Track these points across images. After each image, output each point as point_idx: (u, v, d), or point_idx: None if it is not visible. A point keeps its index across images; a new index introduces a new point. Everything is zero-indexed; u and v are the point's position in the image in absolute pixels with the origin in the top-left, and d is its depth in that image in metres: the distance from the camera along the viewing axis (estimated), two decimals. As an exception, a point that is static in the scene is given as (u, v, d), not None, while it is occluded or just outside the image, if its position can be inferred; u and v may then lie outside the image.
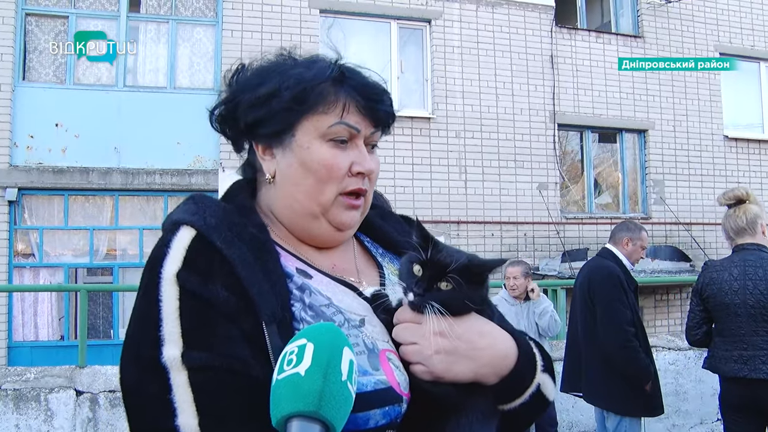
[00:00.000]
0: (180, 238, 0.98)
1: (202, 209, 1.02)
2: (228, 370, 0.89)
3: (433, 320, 0.99)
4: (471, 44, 11.24)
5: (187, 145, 9.60)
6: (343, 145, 1.09)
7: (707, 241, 11.80)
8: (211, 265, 0.95)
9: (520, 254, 10.38)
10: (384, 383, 0.96)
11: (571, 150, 12.53)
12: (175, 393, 0.88)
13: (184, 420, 0.87)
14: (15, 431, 4.90)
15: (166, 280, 0.93)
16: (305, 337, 0.82)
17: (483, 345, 1.02)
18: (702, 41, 12.62)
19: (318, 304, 1.02)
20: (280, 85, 1.07)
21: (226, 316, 0.92)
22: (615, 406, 4.31)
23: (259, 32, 10.14)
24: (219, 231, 0.98)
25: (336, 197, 1.09)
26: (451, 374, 0.99)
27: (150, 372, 0.90)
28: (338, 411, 0.78)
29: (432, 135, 10.83)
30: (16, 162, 9.24)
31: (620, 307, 4.16)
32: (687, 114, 12.37)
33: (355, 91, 1.09)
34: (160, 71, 10.11)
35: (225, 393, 0.89)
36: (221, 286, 0.93)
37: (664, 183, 12.12)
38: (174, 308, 0.91)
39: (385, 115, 1.14)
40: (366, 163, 1.10)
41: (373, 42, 11.02)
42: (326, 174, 1.07)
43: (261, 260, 0.99)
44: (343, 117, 1.07)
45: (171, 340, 0.90)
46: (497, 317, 1.13)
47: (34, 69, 9.66)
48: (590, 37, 12.12)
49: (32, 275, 9.39)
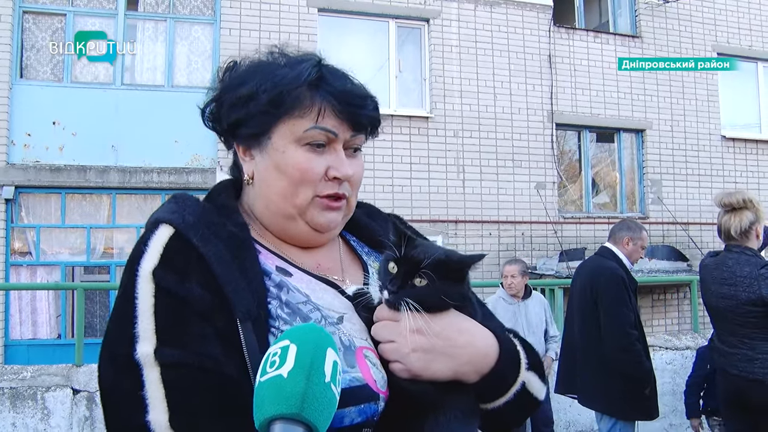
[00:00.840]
0: (158, 236, 0.98)
1: (182, 208, 1.03)
2: (200, 368, 0.89)
3: (410, 317, 0.99)
4: (469, 43, 11.24)
5: (185, 144, 9.59)
6: (319, 149, 1.08)
7: (704, 240, 11.81)
8: (188, 262, 0.95)
9: (517, 253, 10.38)
10: (359, 380, 0.96)
11: (569, 149, 12.53)
12: (147, 389, 0.88)
13: (154, 416, 0.87)
14: (12, 430, 4.89)
15: (143, 277, 0.94)
16: (288, 339, 0.82)
17: (462, 342, 1.02)
18: (700, 41, 12.63)
19: (295, 302, 1.02)
20: (258, 88, 1.07)
21: (201, 314, 0.92)
22: (610, 409, 4.29)
23: (257, 31, 10.13)
24: (196, 229, 0.99)
25: (312, 199, 1.09)
26: (429, 372, 0.99)
27: (124, 369, 0.90)
28: (322, 413, 0.78)
29: (430, 134, 10.83)
30: (13, 160, 9.22)
31: (624, 310, 4.12)
32: (685, 114, 12.38)
33: (331, 96, 1.08)
34: (158, 70, 10.09)
35: (196, 390, 0.89)
36: (196, 284, 0.94)
37: (661, 183, 12.13)
38: (149, 305, 0.92)
39: (367, 120, 1.13)
40: (342, 168, 1.09)
41: (372, 41, 11.01)
42: (300, 178, 1.07)
43: (238, 258, 0.99)
44: (319, 121, 1.06)
45: (145, 337, 0.90)
46: (481, 315, 1.13)
47: (32, 67, 9.64)
48: (588, 36, 12.12)
49: (29, 273, 9.38)
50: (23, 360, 8.46)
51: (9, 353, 8.96)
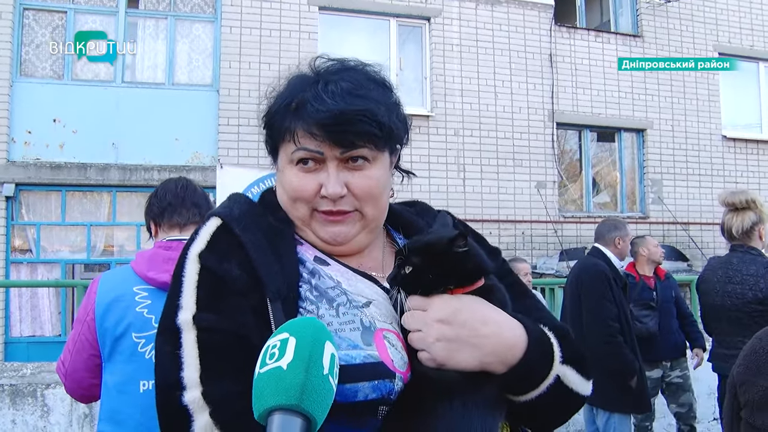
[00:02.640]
0: (208, 226, 1.11)
1: (232, 204, 1.16)
2: (232, 333, 0.99)
3: (437, 307, 1.03)
4: (470, 42, 11.23)
5: (186, 142, 9.59)
6: (310, 167, 1.12)
7: (705, 240, 11.81)
8: (229, 247, 1.07)
9: (518, 252, 10.38)
10: (374, 357, 1.00)
11: (570, 149, 12.53)
12: (184, 349, 0.99)
13: (188, 373, 0.97)
14: (11, 427, 4.90)
15: (190, 259, 1.07)
16: (287, 332, 0.85)
17: (486, 332, 1.02)
18: (701, 41, 12.62)
19: (324, 287, 1.08)
20: (265, 113, 1.18)
21: (237, 291, 1.03)
22: (603, 403, 4.34)
23: (258, 29, 10.12)
24: (240, 220, 1.11)
25: (312, 213, 1.14)
26: (453, 361, 1.00)
27: (167, 334, 1.02)
28: (320, 404, 0.80)
29: (431, 133, 10.83)
30: (13, 157, 9.22)
31: (605, 303, 4.23)
32: (686, 114, 12.38)
33: (308, 120, 1.08)
34: (159, 67, 10.08)
35: (227, 352, 0.98)
36: (236, 265, 1.05)
37: (662, 182, 12.13)
38: (193, 281, 1.04)
39: (354, 137, 1.09)
40: (329, 186, 1.10)
41: (372, 39, 11.01)
42: (294, 195, 1.14)
43: (274, 246, 1.09)
44: (300, 143, 1.10)
45: (187, 307, 1.02)
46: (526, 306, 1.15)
47: (32, 64, 9.63)
48: (589, 36, 12.12)
49: (29, 271, 9.38)
50: (23, 357, 8.45)
51: (9, 350, 8.97)
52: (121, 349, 2.09)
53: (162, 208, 2.40)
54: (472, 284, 1.07)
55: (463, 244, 1.05)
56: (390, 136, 1.14)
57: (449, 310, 1.02)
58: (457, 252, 1.05)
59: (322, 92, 1.10)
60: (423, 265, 1.04)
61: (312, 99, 1.10)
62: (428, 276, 1.04)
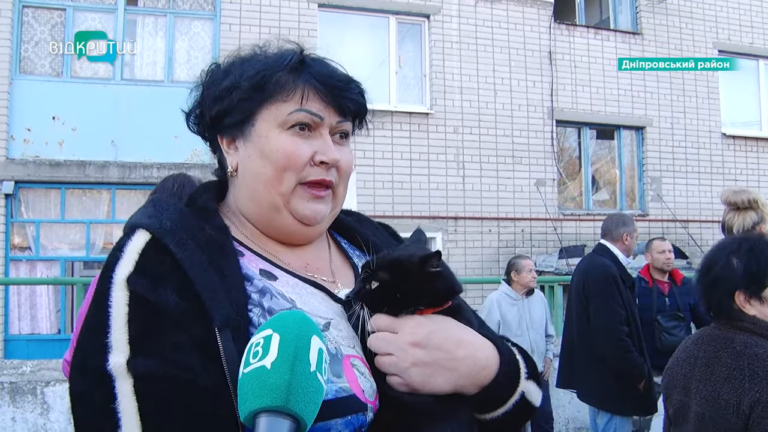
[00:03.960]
0: (134, 242, 0.96)
1: (159, 212, 1.01)
2: (174, 379, 0.86)
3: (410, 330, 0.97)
4: (469, 40, 11.22)
5: (185, 139, 9.55)
6: (304, 134, 1.06)
7: (704, 238, 11.80)
8: (164, 269, 0.93)
9: (517, 250, 10.38)
10: (346, 390, 0.92)
11: (569, 146, 12.52)
12: (120, 402, 0.85)
13: (127, 430, 0.84)
14: (11, 424, 4.90)
15: (117, 284, 0.91)
16: (271, 328, 0.80)
17: (462, 355, 0.99)
18: (701, 38, 12.61)
19: (278, 308, 0.98)
20: (240, 77, 1.07)
21: (176, 323, 0.89)
22: (607, 404, 4.31)
23: (257, 26, 10.11)
24: (174, 234, 0.96)
25: (296, 187, 1.06)
26: (428, 387, 0.96)
27: (96, 381, 0.87)
28: (308, 404, 0.76)
29: (430, 130, 10.82)
30: (12, 155, 9.21)
31: (613, 305, 4.15)
32: (685, 111, 12.37)
33: (315, 79, 1.07)
34: (158, 65, 10.07)
35: (170, 402, 0.86)
36: (172, 291, 0.91)
37: (661, 180, 12.13)
38: (123, 314, 0.89)
39: (353, 105, 1.11)
40: (329, 152, 1.06)
41: (372, 37, 10.99)
42: (285, 162, 1.04)
43: (216, 263, 0.96)
44: (303, 104, 1.05)
45: (118, 348, 0.87)
46: (477, 323, 1.10)
47: (31, 61, 9.62)
48: (589, 33, 12.11)
49: (28, 268, 9.37)
50: (23, 355, 8.45)
51: (8, 348, 8.96)
52: None
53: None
54: (441, 305, 1.03)
55: (437, 264, 1.00)
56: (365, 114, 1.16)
57: (423, 333, 0.97)
58: (430, 272, 1.00)
59: (318, 58, 1.10)
60: (391, 282, 0.99)
61: (313, 62, 1.09)
62: (396, 294, 0.98)
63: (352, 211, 1.31)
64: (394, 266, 1.00)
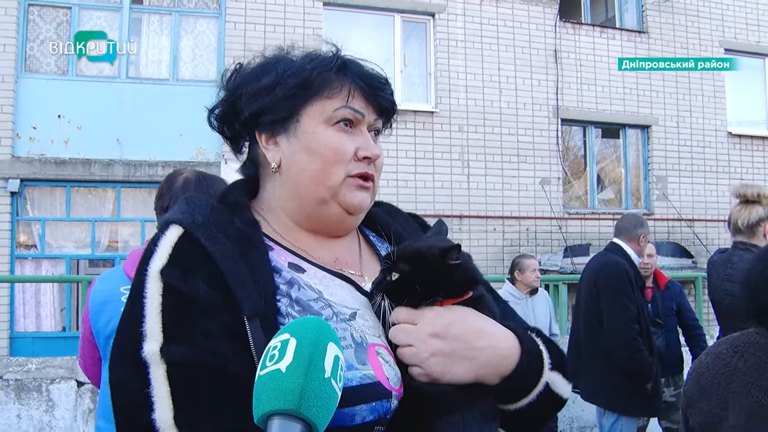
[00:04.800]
0: (168, 237, 1.00)
1: (192, 208, 1.04)
2: (205, 365, 0.90)
3: (429, 321, 0.99)
4: (475, 38, 11.21)
5: (190, 138, 9.58)
6: (348, 130, 1.11)
7: (710, 237, 11.78)
8: (195, 261, 0.97)
9: (522, 249, 10.36)
10: (371, 378, 0.94)
11: (574, 145, 12.50)
12: (153, 387, 0.89)
13: (159, 414, 0.88)
14: (16, 421, 4.92)
15: (151, 276, 0.96)
16: (288, 332, 0.81)
17: (481, 345, 1.01)
18: (707, 37, 12.56)
19: (306, 299, 1.01)
20: (284, 73, 1.09)
21: (206, 312, 0.93)
22: (613, 404, 4.27)
23: (262, 24, 10.12)
24: (205, 228, 1.00)
25: (345, 179, 1.09)
26: (448, 376, 0.98)
27: (132, 368, 0.91)
28: (321, 409, 0.77)
29: (435, 129, 10.81)
30: (18, 153, 9.24)
31: (626, 303, 4.09)
32: (691, 110, 12.33)
33: (359, 78, 1.12)
34: (163, 63, 10.09)
35: (201, 387, 0.90)
36: (203, 281, 0.95)
37: (667, 179, 12.09)
38: (157, 304, 0.93)
39: (388, 104, 1.16)
40: (372, 148, 1.11)
41: (377, 35, 10.99)
42: (333, 157, 1.08)
43: (246, 255, 1.00)
44: (349, 101, 1.10)
45: (152, 336, 0.92)
46: (500, 314, 1.11)
47: (37, 60, 9.64)
48: (594, 32, 12.08)
49: (34, 266, 9.40)
50: (28, 352, 8.48)
51: (14, 345, 8.99)
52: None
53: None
54: (461, 296, 1.05)
55: (456, 257, 1.02)
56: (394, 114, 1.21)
57: (442, 324, 0.99)
58: (449, 264, 1.02)
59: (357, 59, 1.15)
60: (411, 274, 1.01)
61: (352, 62, 1.14)
62: (416, 286, 1.01)
63: (383, 202, 1.33)
64: (415, 258, 1.02)
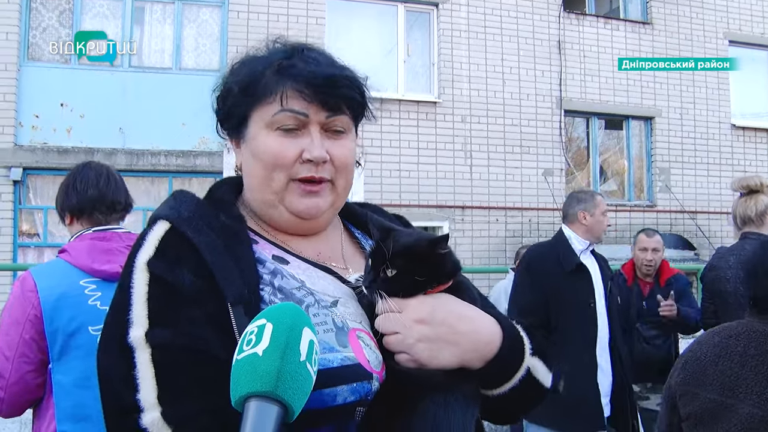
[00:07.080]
0: (155, 231, 1.04)
1: (179, 204, 1.08)
2: (188, 348, 0.93)
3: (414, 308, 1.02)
4: (478, 28, 11.17)
5: (192, 127, 9.57)
6: (292, 133, 1.09)
7: (712, 229, 11.77)
8: (181, 252, 1.00)
9: (524, 240, 10.37)
10: (351, 359, 0.97)
11: (577, 136, 12.47)
12: (138, 370, 0.92)
13: (144, 394, 0.91)
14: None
15: (138, 268, 0.99)
16: (265, 318, 0.83)
17: (465, 329, 1.03)
18: (711, 28, 12.51)
19: (289, 287, 1.04)
20: (235, 80, 1.13)
21: (191, 300, 0.96)
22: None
23: (265, 14, 10.08)
24: (190, 222, 1.04)
25: (288, 184, 1.10)
26: (435, 361, 1.01)
27: (118, 353, 0.94)
28: (296, 391, 0.79)
29: (438, 119, 10.80)
30: (21, 142, 9.24)
31: (520, 291, 3.96)
32: (694, 102, 12.29)
33: (294, 79, 1.09)
34: (166, 52, 10.07)
35: (184, 369, 0.93)
36: (188, 271, 0.98)
37: (669, 171, 12.07)
38: (143, 293, 0.96)
39: (342, 100, 1.11)
40: (314, 150, 1.08)
41: (380, 25, 10.95)
42: (272, 162, 1.08)
43: (231, 247, 1.03)
44: (285, 104, 1.08)
45: (138, 322, 0.95)
46: (481, 302, 1.14)
47: (39, 48, 9.63)
48: (598, 23, 12.03)
49: (36, 255, 9.41)
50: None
51: (17, 333, 9.03)
52: (78, 345, 2.09)
53: (82, 204, 2.34)
54: (446, 283, 1.08)
55: (445, 246, 1.06)
56: (365, 105, 1.18)
57: (426, 310, 1.02)
58: (439, 254, 1.06)
59: (307, 57, 1.12)
60: (406, 268, 1.03)
61: (298, 61, 1.11)
62: (411, 278, 1.04)
63: (369, 204, 1.36)
64: (408, 252, 1.04)
